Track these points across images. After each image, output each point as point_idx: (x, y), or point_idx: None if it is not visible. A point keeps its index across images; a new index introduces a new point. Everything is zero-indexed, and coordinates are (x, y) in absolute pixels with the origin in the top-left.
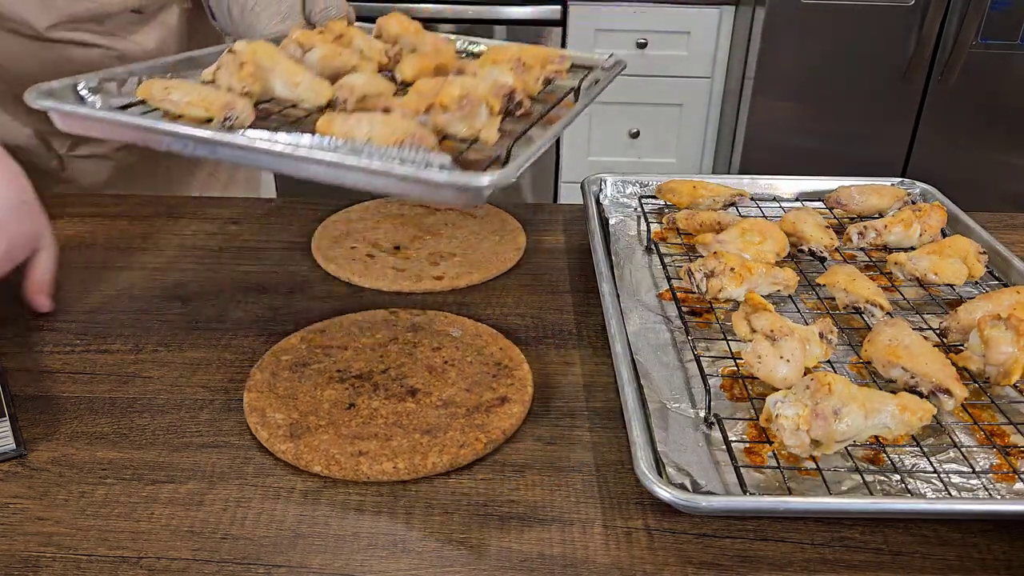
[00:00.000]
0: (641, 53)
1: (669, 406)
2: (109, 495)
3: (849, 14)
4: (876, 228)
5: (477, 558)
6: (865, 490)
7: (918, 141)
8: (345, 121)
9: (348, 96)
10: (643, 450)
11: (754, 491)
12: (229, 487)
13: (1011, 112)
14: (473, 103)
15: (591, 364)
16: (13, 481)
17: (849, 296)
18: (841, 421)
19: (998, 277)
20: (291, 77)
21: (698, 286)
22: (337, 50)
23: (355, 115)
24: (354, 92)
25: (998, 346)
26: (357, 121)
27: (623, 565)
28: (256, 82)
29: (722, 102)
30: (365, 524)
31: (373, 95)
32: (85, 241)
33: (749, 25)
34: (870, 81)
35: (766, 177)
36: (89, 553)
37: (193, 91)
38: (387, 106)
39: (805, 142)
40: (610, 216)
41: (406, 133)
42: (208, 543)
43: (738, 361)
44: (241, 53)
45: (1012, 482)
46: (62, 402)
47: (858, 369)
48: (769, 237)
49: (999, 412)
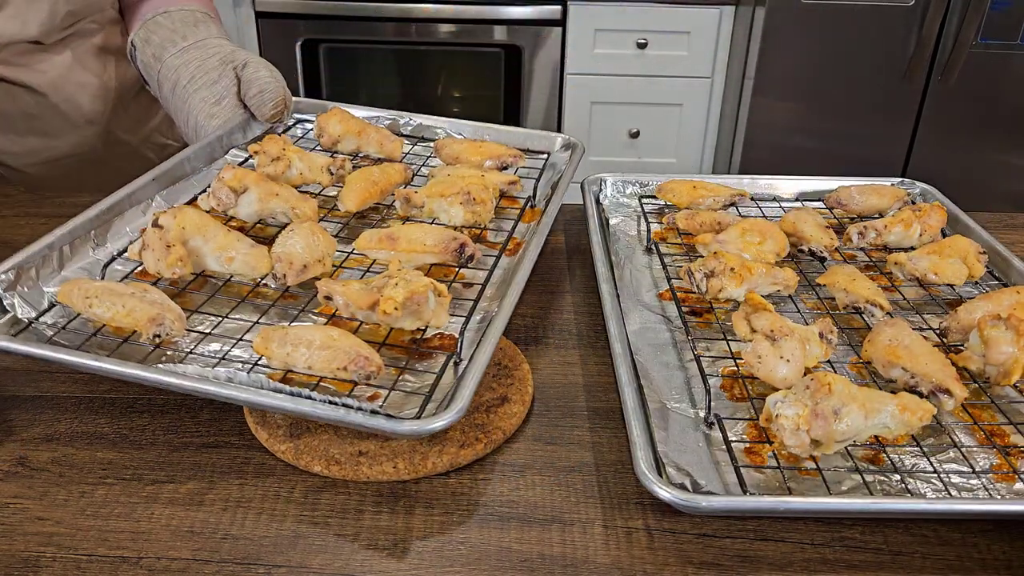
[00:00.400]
0: (641, 53)
1: (669, 406)
2: (109, 495)
3: (849, 14)
4: (876, 228)
5: (477, 558)
6: (865, 490)
7: (918, 141)
8: (282, 344)
9: (287, 271)
10: (643, 450)
11: (754, 491)
12: (229, 487)
13: (1011, 112)
14: (420, 300)
15: (591, 364)
16: (13, 481)
17: (849, 296)
18: (841, 421)
19: (998, 277)
20: (224, 252)
21: (698, 286)
22: (272, 189)
23: (292, 334)
24: (293, 267)
25: (998, 346)
26: (295, 345)
27: (623, 565)
28: (186, 265)
29: (722, 102)
30: (365, 524)
31: (313, 263)
32: None
33: (749, 25)
34: (870, 81)
35: (766, 177)
36: (89, 553)
37: (117, 302)
38: (327, 292)
39: (805, 142)
40: (610, 216)
41: (348, 358)
42: (208, 543)
43: (738, 361)
44: (168, 231)
45: (1012, 482)
46: (62, 402)
47: (858, 369)
48: (769, 237)
49: (999, 412)
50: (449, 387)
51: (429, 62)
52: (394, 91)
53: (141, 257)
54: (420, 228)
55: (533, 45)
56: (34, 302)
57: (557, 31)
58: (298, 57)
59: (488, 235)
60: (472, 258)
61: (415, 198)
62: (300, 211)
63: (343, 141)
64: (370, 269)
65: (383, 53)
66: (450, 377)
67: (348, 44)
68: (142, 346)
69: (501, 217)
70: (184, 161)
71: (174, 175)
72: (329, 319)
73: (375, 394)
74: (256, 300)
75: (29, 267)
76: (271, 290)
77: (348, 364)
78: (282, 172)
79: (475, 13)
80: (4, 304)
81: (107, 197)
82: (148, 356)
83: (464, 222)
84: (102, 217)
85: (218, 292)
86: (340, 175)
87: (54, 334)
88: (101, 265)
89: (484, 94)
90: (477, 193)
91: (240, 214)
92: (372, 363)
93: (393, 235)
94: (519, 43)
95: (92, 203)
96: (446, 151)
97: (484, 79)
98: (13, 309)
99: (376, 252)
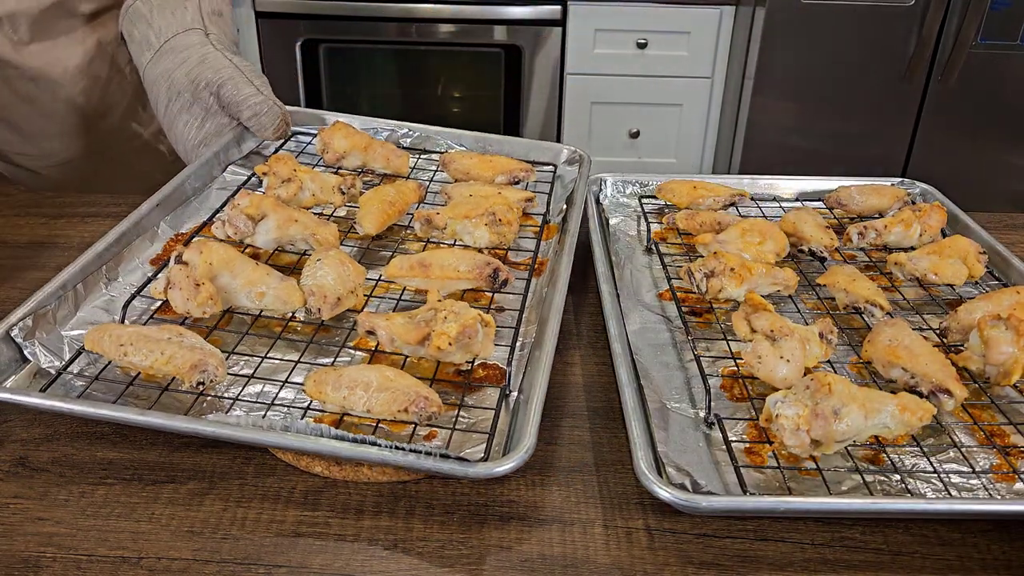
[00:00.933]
0: (641, 53)
1: (669, 406)
2: (109, 495)
3: (849, 14)
4: (876, 228)
5: (477, 558)
6: (865, 490)
7: (918, 141)
8: (337, 387)
9: (322, 305)
10: (643, 450)
11: (754, 491)
12: (229, 487)
13: (1011, 112)
14: (470, 332)
15: (591, 364)
16: (13, 481)
17: (849, 296)
18: (841, 421)
19: (998, 277)
20: (254, 287)
21: (698, 286)
22: (291, 215)
23: (347, 376)
24: (327, 300)
25: (998, 346)
26: (350, 388)
27: (623, 565)
28: (216, 303)
29: (722, 102)
30: (365, 524)
31: (346, 295)
32: (85, 241)
33: (749, 25)
34: (870, 81)
35: (766, 177)
36: (89, 553)
37: (155, 348)
38: (370, 327)
39: (805, 142)
40: (610, 216)
41: (408, 400)
42: (208, 543)
43: (738, 361)
44: (194, 267)
45: (1012, 482)
46: None
47: (858, 369)
48: (769, 237)
49: (999, 412)
50: (503, 422)
51: (429, 62)
52: (394, 91)
53: (167, 295)
54: (451, 253)
55: (533, 45)
56: (55, 348)
57: (557, 31)
58: (298, 57)
59: (509, 255)
60: (506, 283)
61: (437, 220)
62: (321, 237)
63: (348, 157)
64: (401, 297)
65: (383, 53)
66: (503, 411)
67: (348, 44)
68: (183, 393)
69: (519, 235)
70: (184, 183)
71: (176, 199)
72: (371, 353)
73: (431, 433)
74: (290, 336)
75: (45, 311)
76: (303, 323)
77: (408, 406)
78: (294, 194)
79: (475, 13)
80: (25, 353)
81: (112, 229)
82: (192, 404)
83: (489, 243)
84: (111, 250)
85: (249, 330)
86: (352, 194)
87: (87, 386)
88: (118, 303)
89: (484, 94)
90: (503, 214)
91: (258, 242)
92: (432, 403)
93: (425, 261)
94: (519, 43)
95: (93, 200)
96: (455, 166)
97: (484, 79)
98: (35, 358)
99: (408, 280)
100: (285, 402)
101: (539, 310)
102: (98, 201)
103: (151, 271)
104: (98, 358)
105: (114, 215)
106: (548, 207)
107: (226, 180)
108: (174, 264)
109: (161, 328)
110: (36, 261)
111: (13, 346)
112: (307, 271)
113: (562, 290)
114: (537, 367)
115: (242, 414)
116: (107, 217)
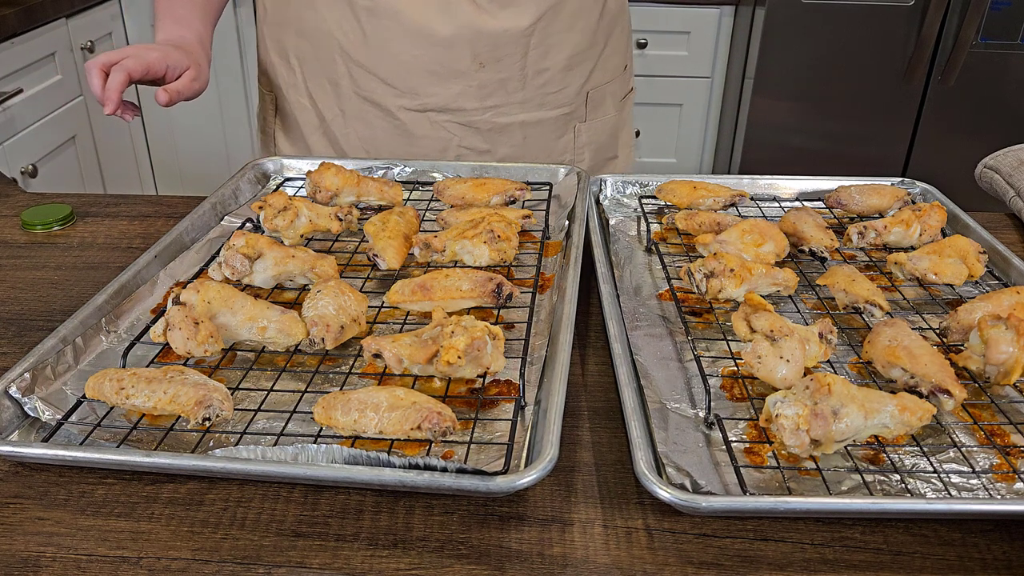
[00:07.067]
0: (641, 53)
1: (669, 406)
2: (109, 495)
3: (849, 14)
4: (876, 228)
5: (477, 558)
6: (865, 490)
7: (918, 141)
8: (347, 411)
9: (325, 335)
10: (643, 450)
11: (754, 491)
12: (229, 487)
13: (1011, 112)
14: (479, 345)
15: (591, 364)
16: (13, 481)
17: (849, 296)
18: (841, 421)
19: (998, 277)
20: (255, 322)
21: (698, 286)
22: (287, 252)
23: (355, 399)
24: (331, 329)
25: (998, 346)
26: (360, 410)
27: (623, 565)
28: (217, 341)
29: (722, 102)
30: (365, 524)
31: (349, 323)
32: (85, 240)
33: (749, 25)
34: (870, 81)
35: (766, 177)
36: (89, 553)
37: (158, 388)
38: (376, 350)
39: (805, 142)
40: (610, 216)
41: (421, 416)
42: (208, 543)
43: (738, 361)
44: (192, 307)
45: (1012, 482)
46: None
47: (858, 369)
48: (769, 238)
49: (999, 412)
50: (521, 435)
51: None
52: None
53: (167, 338)
54: (453, 273)
55: None
56: (56, 403)
57: None
58: None
59: (513, 272)
60: (511, 296)
61: (435, 243)
62: (320, 270)
63: (341, 194)
64: (406, 322)
65: None
66: (519, 424)
67: None
68: (188, 432)
69: (520, 252)
70: (182, 234)
71: (174, 249)
72: (379, 378)
73: (448, 452)
74: (295, 368)
75: (44, 366)
76: (307, 356)
77: (422, 423)
78: (291, 222)
79: None
80: (26, 410)
81: (111, 282)
82: (199, 442)
83: (490, 261)
84: (110, 302)
85: (253, 366)
86: (349, 220)
87: (91, 431)
88: (118, 354)
89: None
90: (501, 230)
91: (256, 281)
92: (446, 417)
93: (426, 284)
94: None
95: (93, 200)
96: (449, 192)
97: None
98: (36, 413)
99: (411, 304)
100: (295, 433)
101: (548, 323)
102: (98, 201)
103: (151, 320)
104: (100, 406)
105: (113, 215)
106: (546, 224)
107: (224, 228)
108: (172, 306)
109: (163, 369)
110: (36, 261)
111: (13, 403)
112: (308, 303)
113: (572, 300)
114: (553, 376)
115: (257, 449)
116: (106, 217)
